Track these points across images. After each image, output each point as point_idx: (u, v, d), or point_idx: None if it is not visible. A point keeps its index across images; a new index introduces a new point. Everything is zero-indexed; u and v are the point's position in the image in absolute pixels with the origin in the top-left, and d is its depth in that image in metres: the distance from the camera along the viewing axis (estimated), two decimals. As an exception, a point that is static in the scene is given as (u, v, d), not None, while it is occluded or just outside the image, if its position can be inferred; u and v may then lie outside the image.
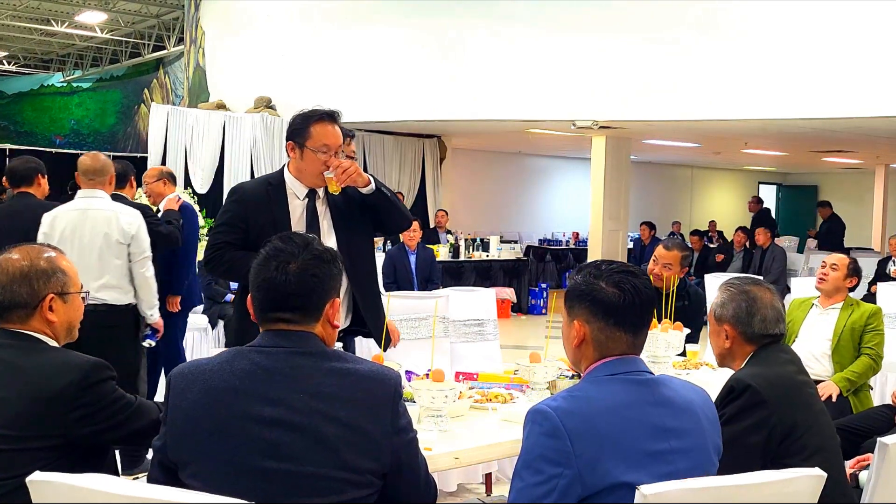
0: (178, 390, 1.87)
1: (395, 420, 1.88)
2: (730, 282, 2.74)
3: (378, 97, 11.16)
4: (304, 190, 3.24)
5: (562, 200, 16.91)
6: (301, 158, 3.19)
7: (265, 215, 3.17)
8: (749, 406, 2.41)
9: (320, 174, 3.18)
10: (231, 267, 3.20)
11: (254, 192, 3.26)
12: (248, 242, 3.14)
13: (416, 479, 1.96)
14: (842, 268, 4.51)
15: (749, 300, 2.64)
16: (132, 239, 4.43)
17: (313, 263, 1.93)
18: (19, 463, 2.01)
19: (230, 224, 3.21)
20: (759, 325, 2.62)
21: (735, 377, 2.52)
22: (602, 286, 1.95)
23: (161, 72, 21.55)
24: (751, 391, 2.43)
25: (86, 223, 4.40)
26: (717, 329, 2.71)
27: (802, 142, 12.28)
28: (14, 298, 2.19)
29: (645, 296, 1.96)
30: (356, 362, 1.92)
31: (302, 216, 3.23)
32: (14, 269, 2.21)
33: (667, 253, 4.38)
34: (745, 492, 1.81)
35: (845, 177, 19.80)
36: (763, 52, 8.29)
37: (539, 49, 9.75)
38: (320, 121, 3.19)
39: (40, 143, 23.35)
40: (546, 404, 1.87)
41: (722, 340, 2.69)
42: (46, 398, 2.05)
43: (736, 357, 2.68)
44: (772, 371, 2.52)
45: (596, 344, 1.97)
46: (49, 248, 2.33)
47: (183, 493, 1.73)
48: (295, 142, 3.20)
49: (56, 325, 2.25)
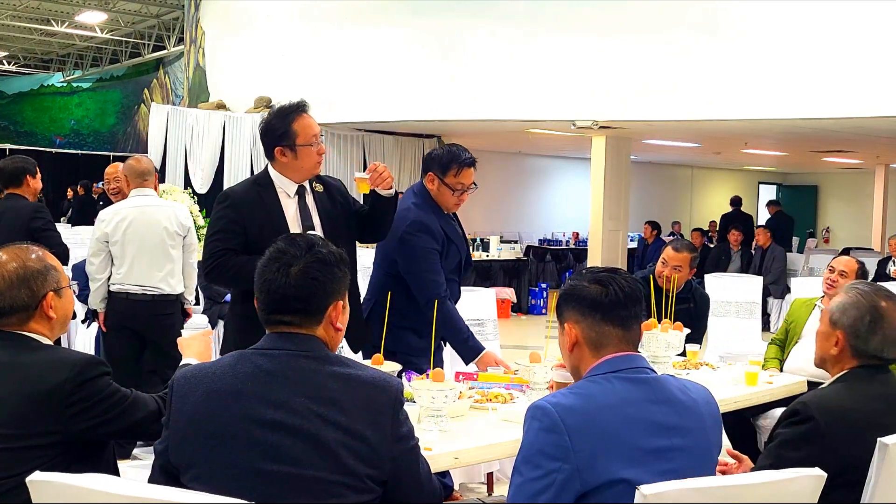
0: (180, 394, 1.87)
1: (395, 428, 1.87)
2: (859, 287, 2.47)
3: (378, 97, 11.16)
4: (293, 187, 3.21)
5: (562, 200, 16.91)
6: (296, 158, 3.16)
7: (261, 216, 3.13)
8: (806, 439, 2.20)
9: (316, 165, 3.20)
10: (237, 273, 3.09)
11: (245, 195, 3.21)
12: (248, 246, 3.10)
13: (417, 486, 1.95)
14: (851, 274, 4.36)
15: (875, 315, 2.37)
16: (188, 231, 4.90)
17: (315, 266, 1.92)
18: (18, 461, 2.02)
19: (227, 230, 3.13)
20: (877, 344, 2.36)
21: (804, 401, 2.28)
22: (584, 285, 2.02)
23: (161, 72, 21.56)
24: (813, 424, 2.20)
25: (146, 219, 4.76)
26: (829, 332, 2.45)
27: (802, 142, 12.28)
28: (15, 303, 2.19)
29: (628, 290, 1.99)
30: (358, 368, 1.92)
31: (296, 214, 3.20)
32: (10, 274, 2.19)
33: (676, 255, 4.35)
34: (745, 492, 1.81)
35: (845, 177, 19.80)
36: (763, 52, 8.29)
37: (539, 49, 9.75)
38: (298, 115, 3.17)
39: (40, 143, 23.37)
40: (546, 400, 1.88)
41: (830, 345, 2.44)
42: (42, 395, 2.06)
43: (835, 366, 2.45)
44: (855, 403, 2.28)
45: (588, 343, 2.00)
46: (33, 245, 2.31)
47: (183, 493, 1.74)
48: (284, 145, 3.14)
49: (55, 321, 2.26)
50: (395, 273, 3.60)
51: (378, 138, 12.92)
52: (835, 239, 19.25)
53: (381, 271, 3.71)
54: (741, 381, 3.63)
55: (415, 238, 3.49)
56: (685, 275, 4.33)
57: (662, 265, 4.39)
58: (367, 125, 12.18)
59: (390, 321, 3.10)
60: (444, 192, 3.58)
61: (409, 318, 3.50)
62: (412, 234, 3.50)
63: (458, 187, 3.55)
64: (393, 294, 3.33)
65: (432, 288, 3.47)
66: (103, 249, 4.74)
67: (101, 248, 4.74)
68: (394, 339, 3.26)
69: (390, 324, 3.08)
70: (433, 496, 2.02)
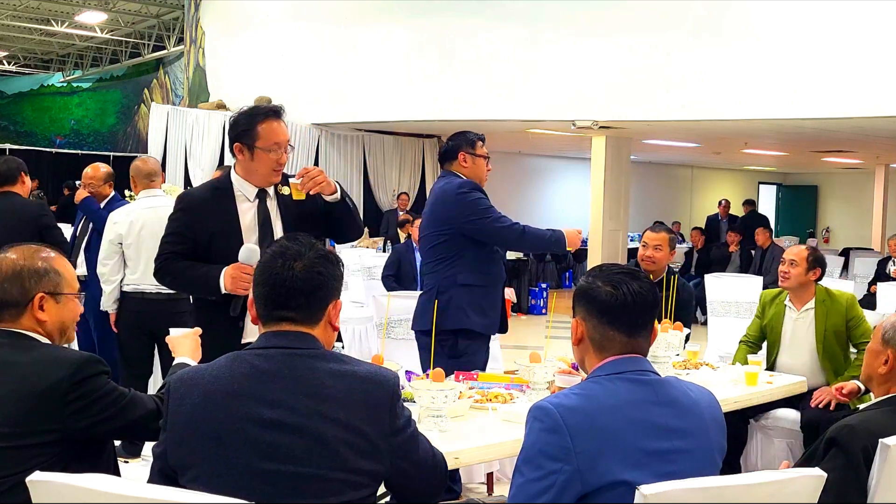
0: (177, 396, 1.87)
1: (393, 421, 1.88)
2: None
3: (378, 97, 11.16)
4: (253, 191, 3.13)
5: (562, 200, 16.91)
6: (251, 159, 3.08)
7: (214, 222, 3.07)
8: (843, 466, 2.15)
9: (272, 172, 3.09)
10: (175, 278, 3.12)
11: (200, 198, 3.16)
12: (199, 251, 3.07)
13: (423, 465, 1.98)
14: (800, 262, 4.25)
15: None
16: None
17: (319, 262, 1.94)
18: (18, 460, 2.02)
19: (177, 233, 3.11)
20: None
21: (843, 427, 2.22)
22: (599, 285, 1.99)
23: (161, 72, 21.57)
24: (850, 454, 2.15)
25: (159, 219, 4.65)
26: (880, 350, 2.40)
27: (802, 142, 12.28)
28: (5, 296, 2.20)
29: (640, 298, 1.96)
30: (354, 364, 1.92)
31: (253, 219, 3.11)
32: (7, 268, 2.22)
33: (655, 235, 4.48)
34: (745, 492, 1.81)
35: (845, 177, 19.80)
36: (763, 52, 8.28)
37: (539, 49, 9.75)
38: (266, 119, 3.08)
39: (40, 143, 23.36)
40: (548, 401, 1.88)
41: (879, 363, 2.40)
42: (39, 393, 2.06)
43: (881, 386, 2.41)
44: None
45: (592, 342, 2.00)
46: (47, 248, 2.33)
47: (183, 493, 1.73)
48: (243, 143, 3.09)
49: (47, 324, 2.24)
50: (443, 256, 3.91)
51: (378, 138, 12.91)
52: (835, 239, 19.26)
53: (432, 256, 3.97)
54: (741, 381, 3.63)
55: (470, 194, 3.87)
56: (665, 255, 4.45)
57: (644, 248, 4.48)
58: (367, 125, 12.18)
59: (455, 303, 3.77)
60: (479, 163, 4.03)
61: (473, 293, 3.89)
62: (466, 191, 3.88)
63: (487, 156, 4.05)
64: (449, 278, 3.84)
65: (508, 226, 3.88)
66: (116, 251, 4.73)
67: (115, 250, 4.73)
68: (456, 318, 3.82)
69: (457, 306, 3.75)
70: (437, 472, 2.04)
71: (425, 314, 3.76)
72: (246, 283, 2.90)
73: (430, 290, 3.95)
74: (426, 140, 13.38)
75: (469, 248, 3.92)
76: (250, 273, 2.87)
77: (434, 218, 3.99)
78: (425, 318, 3.75)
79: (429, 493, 2.03)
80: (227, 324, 2.99)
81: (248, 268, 2.88)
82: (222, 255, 3.00)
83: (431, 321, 3.61)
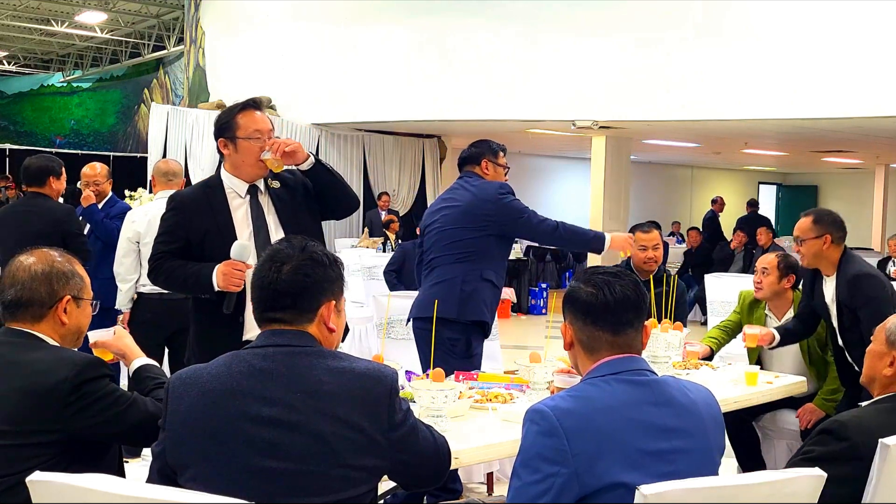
0: (176, 395, 1.88)
1: (392, 416, 1.89)
2: None
3: (378, 97, 11.16)
4: (244, 186, 3.14)
5: (562, 200, 16.91)
6: (236, 151, 3.09)
7: (206, 220, 3.08)
8: (840, 458, 2.15)
9: (258, 162, 3.09)
10: (168, 277, 3.12)
11: (191, 197, 3.17)
12: (192, 250, 3.08)
13: (425, 454, 1.99)
14: (772, 270, 4.15)
15: None
16: None
17: (306, 264, 1.95)
18: (19, 459, 2.02)
19: (169, 233, 3.13)
20: None
21: (840, 421, 2.23)
22: (581, 287, 2.02)
23: (161, 72, 21.57)
24: (849, 444, 2.16)
25: None
26: (883, 352, 2.38)
27: (802, 142, 12.29)
28: (33, 296, 2.24)
29: (620, 295, 1.97)
30: (352, 360, 1.93)
31: (246, 215, 3.12)
32: (36, 268, 2.26)
33: (651, 235, 4.57)
34: (745, 492, 1.81)
35: (845, 177, 19.81)
36: (763, 52, 8.28)
37: (539, 49, 9.75)
38: (244, 110, 3.11)
39: (40, 143, 23.37)
40: (544, 404, 1.88)
41: (884, 365, 2.37)
42: (41, 393, 2.07)
43: (884, 388, 2.39)
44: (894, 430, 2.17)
45: (581, 344, 2.01)
46: (65, 253, 2.37)
47: (183, 493, 1.74)
48: (225, 137, 3.11)
49: (67, 327, 2.28)
50: (472, 250, 3.95)
51: (378, 138, 12.91)
52: (835, 239, 19.21)
53: (461, 246, 3.97)
54: (741, 381, 3.63)
55: (507, 197, 4.01)
56: (661, 252, 4.55)
57: (643, 251, 4.50)
58: (367, 125, 12.17)
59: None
60: (500, 172, 4.15)
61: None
62: (504, 194, 4.01)
63: (507, 166, 4.20)
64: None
65: (547, 223, 4.02)
66: (134, 250, 4.70)
67: (132, 248, 4.71)
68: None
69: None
70: (440, 458, 2.05)
71: (446, 301, 3.76)
72: (238, 280, 2.92)
73: (449, 279, 3.91)
74: (426, 140, 13.37)
75: (497, 248, 4.03)
76: (242, 269, 2.91)
77: (469, 214, 3.98)
78: (446, 306, 3.74)
79: (433, 477, 2.07)
80: (228, 321, 3.00)
81: (240, 264, 2.92)
82: (216, 252, 3.00)
83: (455, 309, 3.80)
